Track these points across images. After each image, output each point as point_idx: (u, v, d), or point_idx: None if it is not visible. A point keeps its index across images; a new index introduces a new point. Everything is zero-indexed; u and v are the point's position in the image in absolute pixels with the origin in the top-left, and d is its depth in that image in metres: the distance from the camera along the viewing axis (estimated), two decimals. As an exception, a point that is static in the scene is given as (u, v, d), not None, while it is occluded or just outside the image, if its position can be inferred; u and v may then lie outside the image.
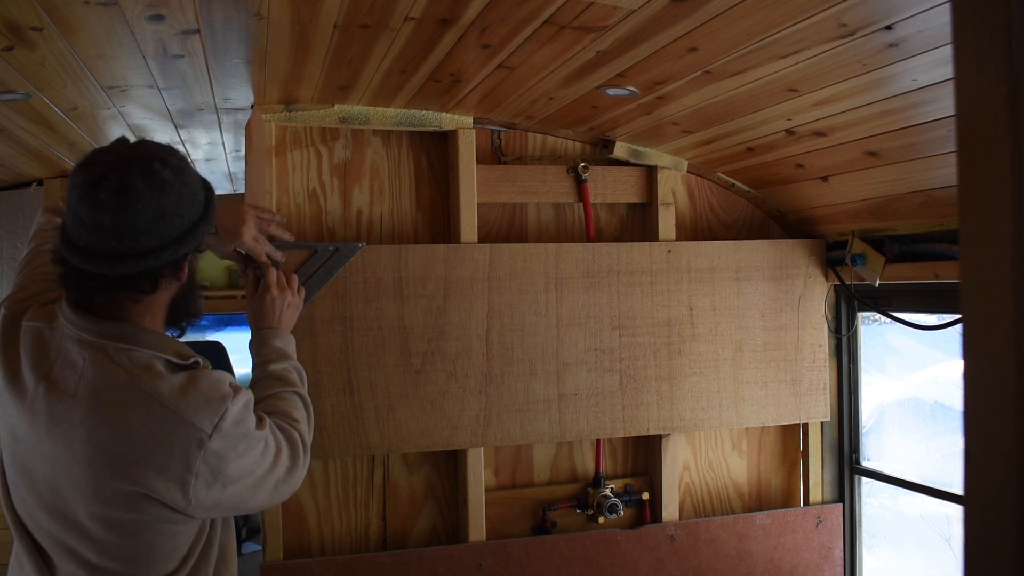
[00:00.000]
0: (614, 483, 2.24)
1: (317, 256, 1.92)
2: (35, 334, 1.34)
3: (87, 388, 1.27)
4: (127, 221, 1.22)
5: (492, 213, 2.17)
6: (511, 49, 1.52)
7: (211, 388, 1.31)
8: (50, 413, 1.28)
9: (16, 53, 1.45)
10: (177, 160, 1.30)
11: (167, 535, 1.32)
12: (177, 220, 1.28)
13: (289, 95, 1.90)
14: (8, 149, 2.21)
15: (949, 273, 1.88)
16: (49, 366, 1.30)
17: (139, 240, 1.24)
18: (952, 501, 2.12)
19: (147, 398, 1.26)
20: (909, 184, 1.85)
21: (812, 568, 2.30)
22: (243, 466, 1.33)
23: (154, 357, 1.32)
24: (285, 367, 1.62)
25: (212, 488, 1.30)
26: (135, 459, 1.25)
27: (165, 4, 1.26)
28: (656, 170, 2.23)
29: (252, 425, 1.36)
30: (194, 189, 1.32)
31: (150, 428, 1.25)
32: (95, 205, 1.21)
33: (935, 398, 3.42)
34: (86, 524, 1.28)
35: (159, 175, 1.25)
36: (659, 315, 2.16)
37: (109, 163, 1.23)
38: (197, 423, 1.27)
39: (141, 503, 1.27)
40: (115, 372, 1.28)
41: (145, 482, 1.25)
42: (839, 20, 1.26)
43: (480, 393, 2.03)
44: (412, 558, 2.02)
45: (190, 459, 1.27)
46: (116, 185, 1.21)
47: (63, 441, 1.27)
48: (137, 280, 1.29)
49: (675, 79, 1.63)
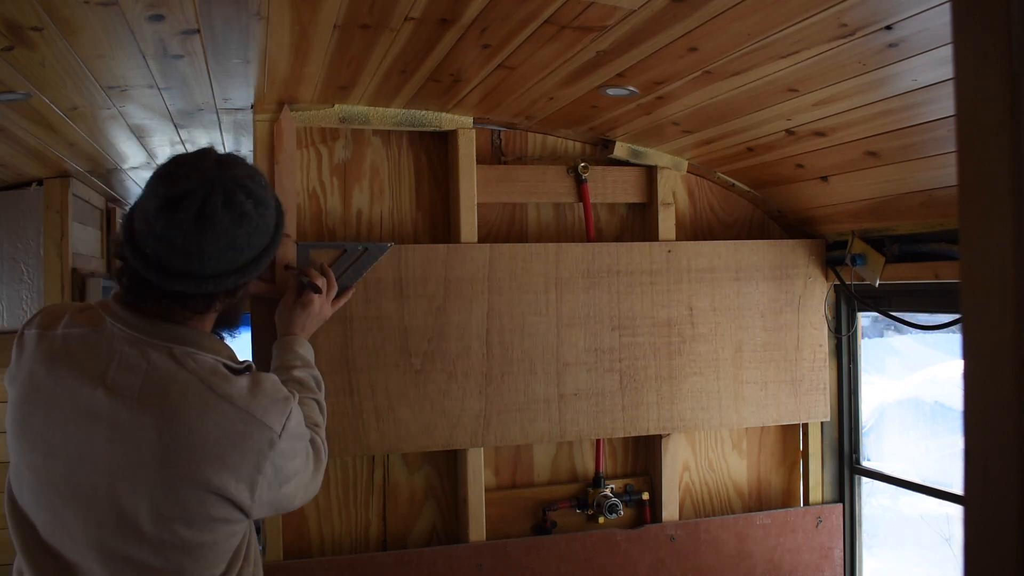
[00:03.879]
0: (614, 483, 2.24)
1: (346, 256, 1.94)
2: (80, 340, 1.30)
3: (155, 391, 1.25)
4: (198, 246, 1.22)
5: (492, 213, 2.17)
6: (511, 49, 1.52)
7: (274, 390, 1.34)
8: (113, 418, 1.24)
9: (16, 53, 1.45)
10: (260, 190, 1.29)
11: (225, 535, 1.33)
12: (246, 251, 1.28)
13: (289, 95, 1.90)
14: (8, 149, 2.21)
15: (949, 273, 1.88)
16: (103, 370, 1.26)
17: (205, 265, 1.24)
18: (952, 501, 2.12)
19: (220, 400, 1.27)
20: (909, 184, 1.85)
21: (812, 568, 2.30)
22: (296, 466, 1.37)
23: (216, 360, 1.32)
24: (308, 375, 1.64)
25: (272, 488, 1.32)
26: (210, 460, 1.25)
27: (165, 4, 1.26)
28: (656, 170, 2.23)
29: (305, 426, 1.40)
30: (269, 221, 1.32)
31: (225, 429, 1.26)
32: (171, 223, 1.21)
33: (935, 398, 3.42)
34: (148, 528, 1.25)
35: (241, 207, 1.24)
36: (659, 315, 2.16)
37: (195, 182, 1.22)
38: (269, 423, 1.29)
39: (211, 504, 1.27)
40: (184, 375, 1.27)
41: (218, 482, 1.25)
42: (839, 20, 1.26)
43: (480, 393, 2.03)
44: (412, 558, 2.02)
45: (261, 459, 1.29)
46: (197, 208, 1.20)
47: (128, 445, 1.24)
48: (192, 299, 1.29)
49: (675, 79, 1.63)
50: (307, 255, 1.91)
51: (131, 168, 2.78)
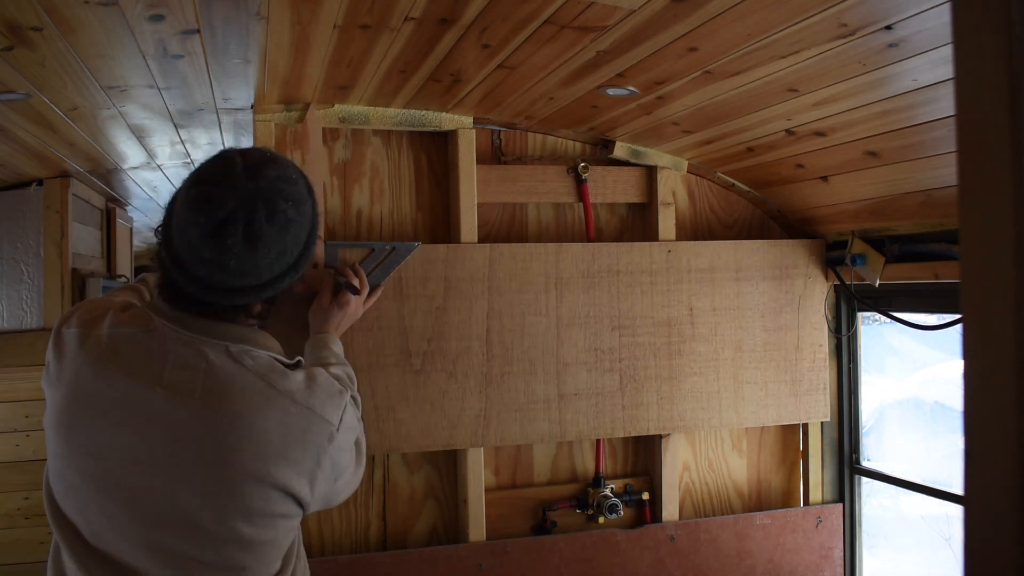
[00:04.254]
0: (614, 483, 2.24)
1: (374, 255, 1.95)
2: (130, 340, 1.28)
3: (216, 390, 1.24)
4: (252, 262, 1.22)
5: (492, 213, 2.17)
6: (511, 49, 1.52)
7: (328, 383, 1.35)
8: (171, 418, 1.23)
9: (16, 53, 1.45)
10: (294, 187, 1.27)
11: (285, 531, 1.33)
12: (296, 249, 1.29)
13: (289, 95, 1.90)
14: (8, 149, 2.21)
15: (949, 273, 1.88)
16: (158, 371, 1.25)
17: (261, 275, 1.25)
18: (952, 501, 2.12)
19: (281, 396, 1.27)
20: (909, 184, 1.85)
21: (812, 568, 2.30)
22: (347, 460, 1.38)
23: (271, 356, 1.32)
24: (343, 372, 1.65)
25: (327, 482, 1.33)
26: (273, 456, 1.25)
27: (165, 4, 1.26)
28: (656, 170, 2.23)
29: (356, 419, 1.42)
30: (309, 213, 1.31)
31: (287, 425, 1.26)
32: (220, 248, 1.20)
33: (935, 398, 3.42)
34: (211, 527, 1.24)
35: (284, 215, 1.24)
36: (659, 315, 2.16)
37: (233, 201, 1.20)
38: (328, 417, 1.31)
39: (274, 500, 1.27)
40: (243, 373, 1.27)
41: (282, 478, 1.26)
42: (839, 20, 1.26)
43: (480, 393, 2.03)
44: (412, 558, 2.02)
45: (320, 453, 1.30)
46: (242, 230, 1.20)
47: (189, 445, 1.23)
48: (248, 306, 1.30)
49: (675, 79, 1.63)
50: (336, 254, 1.92)
51: (131, 168, 2.78)
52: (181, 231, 1.23)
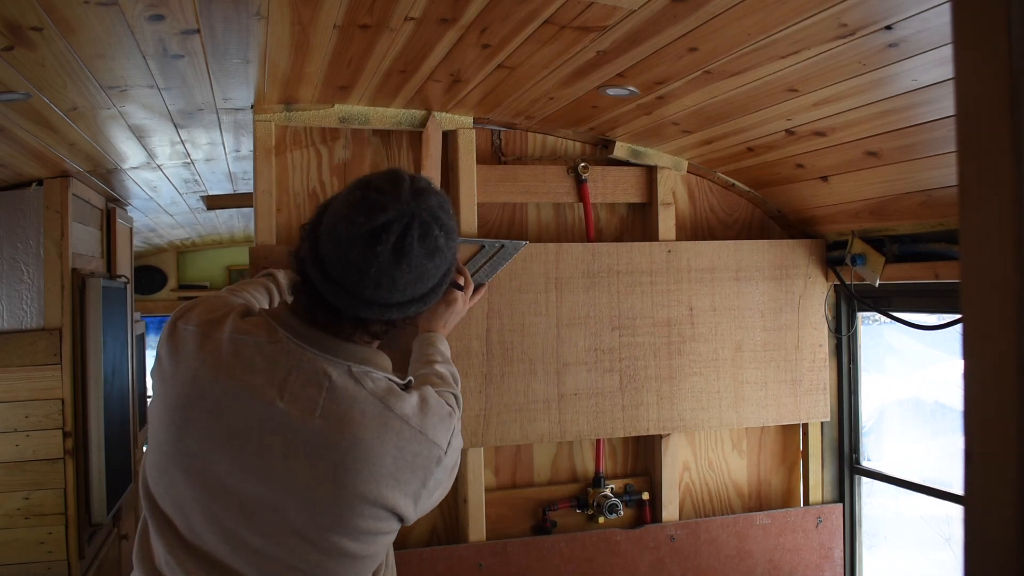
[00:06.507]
0: (614, 483, 2.24)
1: (483, 252, 1.98)
2: (253, 348, 1.27)
3: (337, 410, 1.25)
4: (391, 277, 1.22)
5: (492, 213, 2.17)
6: (511, 49, 1.52)
7: (439, 405, 1.36)
8: (290, 433, 1.23)
9: (16, 53, 1.45)
10: (449, 220, 1.28)
11: (384, 546, 1.35)
12: (431, 281, 1.29)
13: (289, 95, 1.90)
14: (8, 149, 2.21)
15: (949, 273, 1.88)
16: (280, 384, 1.25)
17: (394, 294, 1.25)
18: (952, 501, 2.12)
19: (398, 420, 1.28)
20: (909, 184, 1.85)
21: (812, 568, 2.30)
22: (448, 476, 1.40)
23: (388, 379, 1.32)
24: (447, 371, 1.66)
25: (429, 497, 1.35)
26: (386, 479, 1.26)
27: (165, 4, 1.26)
28: (656, 170, 2.23)
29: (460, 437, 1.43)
30: (454, 250, 1.31)
31: (401, 448, 1.28)
32: (368, 254, 1.20)
33: (935, 398, 3.42)
34: (314, 541, 1.26)
35: (435, 241, 1.24)
36: (659, 315, 2.16)
37: (393, 213, 1.20)
38: (438, 441, 1.32)
39: (381, 519, 1.28)
40: (363, 395, 1.27)
41: (391, 499, 1.27)
42: (839, 20, 1.26)
43: (480, 393, 2.03)
44: (412, 558, 2.02)
45: (427, 475, 1.31)
46: (394, 241, 1.20)
47: (306, 461, 1.24)
48: (373, 323, 1.29)
49: (675, 79, 1.63)
50: None
51: (131, 168, 2.78)
52: (332, 227, 1.24)
